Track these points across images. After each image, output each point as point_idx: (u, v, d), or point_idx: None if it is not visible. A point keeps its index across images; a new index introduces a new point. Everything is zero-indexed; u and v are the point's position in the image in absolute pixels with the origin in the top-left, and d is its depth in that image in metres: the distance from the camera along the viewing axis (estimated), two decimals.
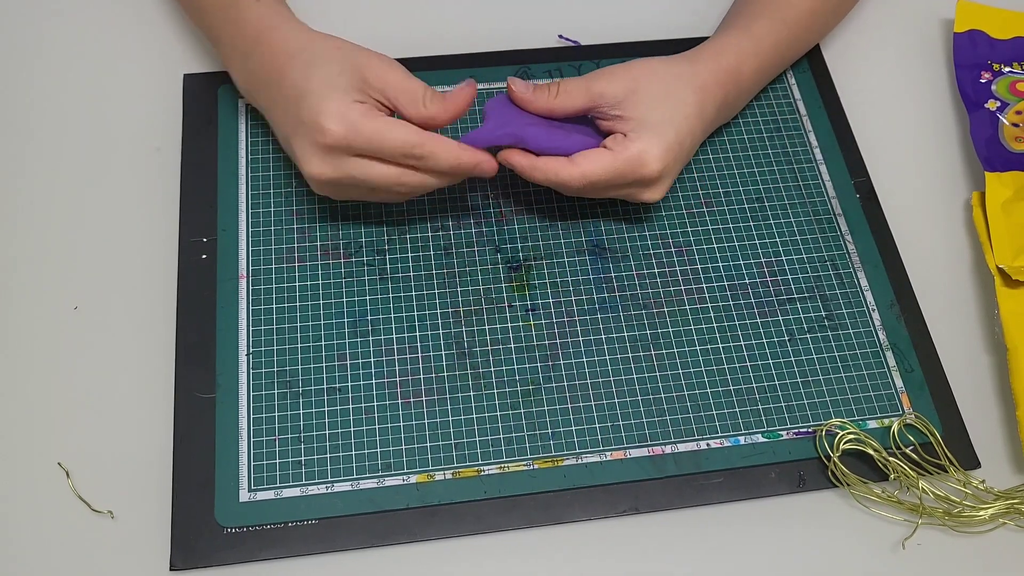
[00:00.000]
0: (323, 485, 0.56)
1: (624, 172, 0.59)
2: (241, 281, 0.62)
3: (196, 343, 0.60)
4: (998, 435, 0.61)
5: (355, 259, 0.64)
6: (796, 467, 0.58)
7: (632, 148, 0.59)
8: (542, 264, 0.64)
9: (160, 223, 0.64)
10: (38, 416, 0.58)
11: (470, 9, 0.76)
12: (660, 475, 0.57)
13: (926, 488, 0.57)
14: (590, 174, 0.58)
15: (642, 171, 0.59)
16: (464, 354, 0.61)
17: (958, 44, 0.75)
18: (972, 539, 0.57)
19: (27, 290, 0.62)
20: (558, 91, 0.60)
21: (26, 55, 0.71)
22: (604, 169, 0.59)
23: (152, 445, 0.57)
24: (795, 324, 0.63)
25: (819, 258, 0.66)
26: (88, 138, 0.68)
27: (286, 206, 0.65)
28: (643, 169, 0.59)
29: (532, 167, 0.59)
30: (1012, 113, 0.71)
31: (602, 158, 0.59)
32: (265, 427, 0.57)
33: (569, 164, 0.59)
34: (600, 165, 0.59)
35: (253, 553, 0.54)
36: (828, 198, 0.68)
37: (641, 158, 0.59)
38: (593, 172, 0.59)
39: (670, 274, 0.64)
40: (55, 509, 0.55)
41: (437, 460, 0.57)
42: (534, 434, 0.58)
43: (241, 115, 0.69)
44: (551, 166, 0.59)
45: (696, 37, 0.75)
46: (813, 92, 0.73)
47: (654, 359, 0.61)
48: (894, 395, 0.61)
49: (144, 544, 0.55)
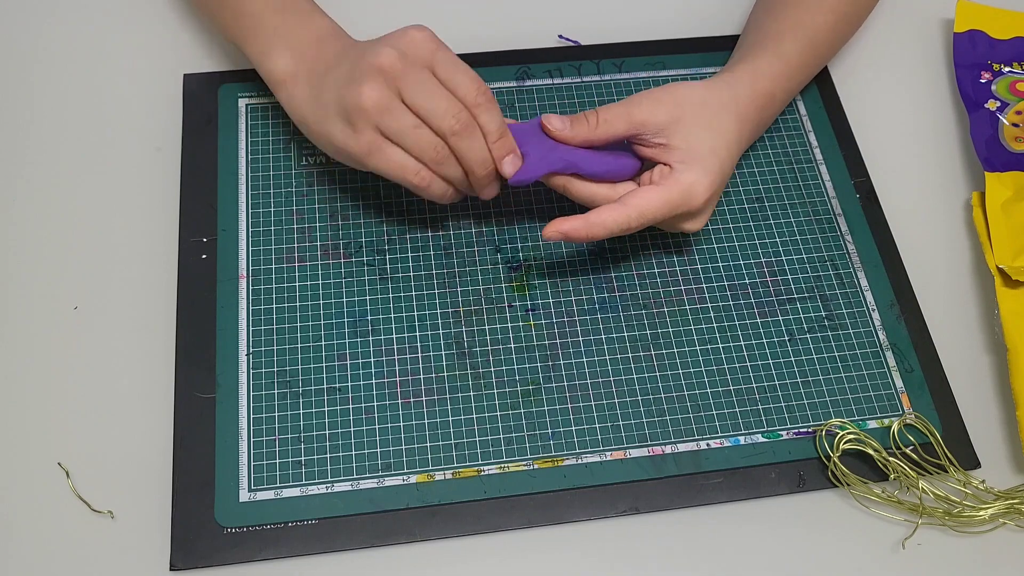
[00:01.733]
0: (323, 485, 0.56)
1: (676, 206, 0.58)
2: (241, 281, 0.62)
3: (196, 343, 0.60)
4: (998, 435, 0.61)
5: (355, 259, 0.64)
6: (796, 467, 0.58)
7: (682, 181, 0.58)
8: (542, 264, 0.64)
9: (160, 223, 0.65)
10: (38, 416, 0.58)
11: (470, 9, 0.76)
12: (660, 475, 0.57)
13: (926, 488, 0.57)
14: (646, 212, 0.57)
15: (691, 203, 0.58)
16: (464, 354, 0.61)
17: (958, 44, 0.75)
18: (972, 539, 0.57)
19: (27, 290, 0.62)
20: (598, 122, 0.58)
21: (26, 55, 0.71)
22: (658, 206, 0.57)
23: (152, 445, 0.57)
24: (795, 324, 0.63)
25: (819, 258, 0.66)
26: (88, 138, 0.68)
27: (286, 206, 0.65)
28: (692, 201, 0.58)
29: (589, 226, 0.57)
30: (1012, 113, 0.71)
31: (654, 195, 0.58)
32: (265, 427, 0.57)
33: (623, 208, 0.57)
34: (654, 203, 0.57)
35: (253, 553, 0.54)
36: (828, 198, 0.68)
37: (691, 191, 0.58)
38: (649, 209, 0.57)
39: (670, 274, 0.64)
40: (55, 509, 0.55)
41: (437, 460, 0.57)
42: (534, 434, 0.58)
43: (241, 115, 0.69)
44: (604, 217, 0.57)
45: (696, 37, 0.75)
46: (813, 92, 0.73)
47: (654, 359, 0.61)
48: (894, 395, 0.61)
49: (144, 544, 0.55)
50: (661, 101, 0.59)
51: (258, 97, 0.69)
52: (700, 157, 0.58)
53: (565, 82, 0.72)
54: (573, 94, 0.72)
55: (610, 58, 0.73)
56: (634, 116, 0.58)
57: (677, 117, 0.59)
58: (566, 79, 0.72)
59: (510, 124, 0.59)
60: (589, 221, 0.57)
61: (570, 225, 0.57)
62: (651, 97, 0.59)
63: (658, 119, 0.58)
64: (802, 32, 0.67)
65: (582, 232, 0.57)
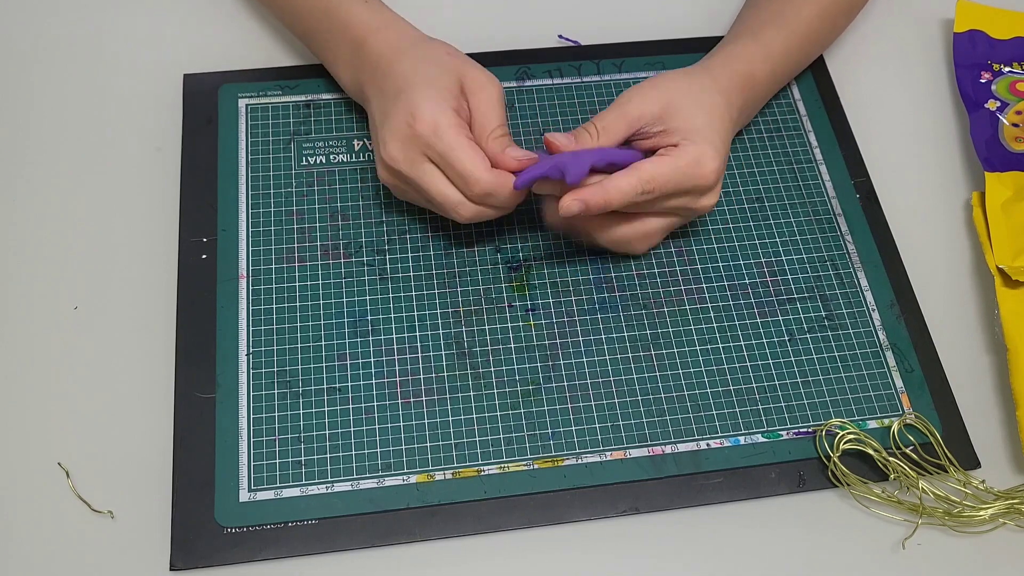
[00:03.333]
0: (323, 485, 0.56)
1: (686, 175, 0.58)
2: (241, 281, 0.62)
3: (196, 343, 0.60)
4: (998, 435, 0.61)
5: (355, 259, 0.64)
6: (796, 467, 0.58)
7: (690, 151, 0.58)
8: (542, 264, 0.64)
9: (160, 223, 0.65)
10: (38, 416, 0.58)
11: (470, 9, 0.76)
12: (660, 475, 0.57)
13: (926, 488, 0.57)
14: (657, 177, 0.57)
15: (701, 174, 0.58)
16: (464, 354, 0.61)
17: (958, 44, 0.75)
18: (972, 539, 0.57)
19: (27, 290, 0.62)
20: (597, 130, 0.58)
21: (26, 55, 0.71)
22: (669, 172, 0.57)
23: (152, 445, 0.57)
24: (795, 324, 0.63)
25: (819, 258, 0.66)
26: (88, 138, 0.68)
27: (286, 206, 0.65)
28: (702, 171, 0.58)
29: (605, 191, 0.56)
30: (1012, 113, 0.71)
31: (665, 161, 0.57)
32: (265, 427, 0.57)
33: (635, 172, 0.56)
34: (665, 169, 0.57)
35: (253, 553, 0.54)
36: (828, 198, 0.68)
37: (700, 160, 0.58)
38: (660, 174, 0.57)
39: (670, 274, 0.64)
40: (55, 509, 0.55)
41: (437, 460, 0.57)
42: (534, 434, 0.58)
43: (241, 115, 0.69)
44: (619, 181, 0.56)
45: (695, 37, 0.75)
46: (813, 92, 0.73)
47: (654, 359, 0.61)
48: (894, 395, 0.61)
49: (144, 544, 0.55)
50: (648, 93, 0.60)
51: (258, 97, 0.69)
52: (699, 131, 0.59)
53: (565, 82, 0.72)
54: (573, 94, 0.72)
55: (610, 58, 0.73)
56: (629, 113, 0.59)
57: (668, 102, 0.59)
58: (566, 79, 0.72)
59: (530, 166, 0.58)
60: (605, 187, 0.56)
61: (589, 192, 0.56)
62: (638, 92, 0.60)
63: (652, 109, 0.59)
64: (782, 21, 0.67)
65: (600, 198, 0.56)
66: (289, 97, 0.70)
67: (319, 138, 0.68)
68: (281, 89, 0.70)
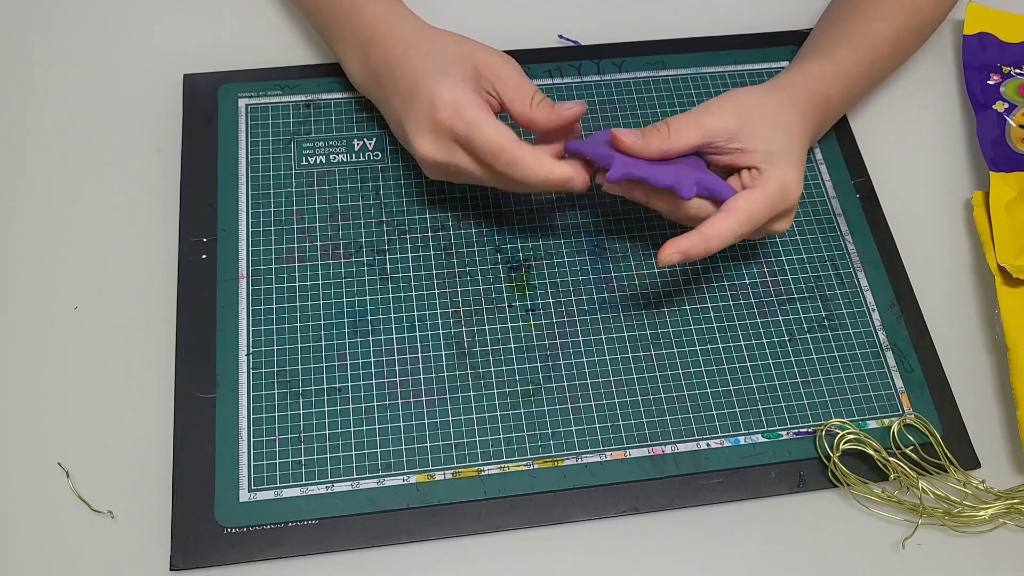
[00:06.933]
0: (323, 485, 0.56)
1: (776, 203, 0.57)
2: (241, 281, 0.62)
3: (196, 343, 0.60)
4: (998, 435, 0.61)
5: (355, 259, 0.64)
6: (796, 467, 0.58)
7: (776, 177, 0.57)
8: (542, 264, 0.64)
9: (160, 223, 0.65)
10: (38, 416, 0.58)
11: (470, 9, 0.76)
12: (660, 475, 0.57)
13: (926, 488, 0.57)
14: (753, 214, 0.56)
15: (788, 199, 0.58)
16: (464, 354, 0.61)
17: (967, 46, 0.75)
18: (972, 539, 0.57)
19: (27, 290, 0.62)
20: (669, 131, 0.57)
21: (26, 55, 0.71)
22: (763, 206, 0.56)
23: (152, 445, 0.57)
24: (795, 324, 0.63)
25: (819, 258, 0.66)
26: (88, 138, 0.68)
27: (286, 206, 0.65)
28: (790, 197, 0.58)
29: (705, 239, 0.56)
30: (1020, 115, 0.71)
31: (756, 196, 0.57)
32: (265, 427, 0.57)
33: (732, 214, 0.56)
34: (758, 204, 0.56)
35: (253, 553, 0.54)
36: (828, 198, 0.68)
37: (786, 186, 0.57)
38: (755, 211, 0.56)
39: (670, 274, 0.64)
40: (55, 509, 0.55)
41: (437, 460, 0.57)
42: (534, 434, 0.58)
43: (241, 115, 0.69)
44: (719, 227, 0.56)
45: (696, 37, 0.75)
46: None
47: (654, 359, 0.61)
48: (894, 395, 0.61)
49: (144, 544, 0.55)
50: (725, 107, 0.59)
51: (258, 97, 0.69)
52: (781, 152, 0.58)
53: (565, 82, 0.72)
54: (573, 94, 0.72)
55: (610, 58, 0.73)
56: (705, 124, 0.58)
57: (746, 120, 0.58)
58: (566, 79, 0.72)
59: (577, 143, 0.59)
60: (704, 234, 0.56)
61: (688, 242, 0.56)
62: (716, 105, 0.59)
63: (728, 125, 0.58)
64: (858, 39, 0.66)
65: (700, 247, 0.56)
66: (289, 97, 0.70)
67: (319, 138, 0.68)
68: (281, 89, 0.70)
